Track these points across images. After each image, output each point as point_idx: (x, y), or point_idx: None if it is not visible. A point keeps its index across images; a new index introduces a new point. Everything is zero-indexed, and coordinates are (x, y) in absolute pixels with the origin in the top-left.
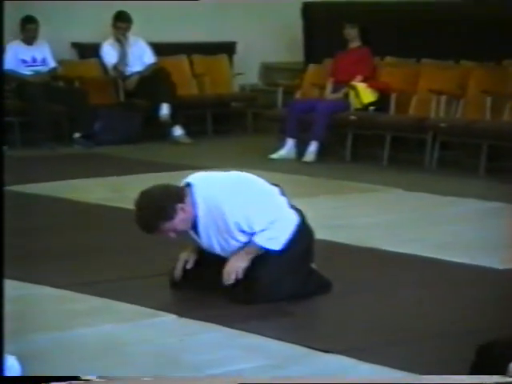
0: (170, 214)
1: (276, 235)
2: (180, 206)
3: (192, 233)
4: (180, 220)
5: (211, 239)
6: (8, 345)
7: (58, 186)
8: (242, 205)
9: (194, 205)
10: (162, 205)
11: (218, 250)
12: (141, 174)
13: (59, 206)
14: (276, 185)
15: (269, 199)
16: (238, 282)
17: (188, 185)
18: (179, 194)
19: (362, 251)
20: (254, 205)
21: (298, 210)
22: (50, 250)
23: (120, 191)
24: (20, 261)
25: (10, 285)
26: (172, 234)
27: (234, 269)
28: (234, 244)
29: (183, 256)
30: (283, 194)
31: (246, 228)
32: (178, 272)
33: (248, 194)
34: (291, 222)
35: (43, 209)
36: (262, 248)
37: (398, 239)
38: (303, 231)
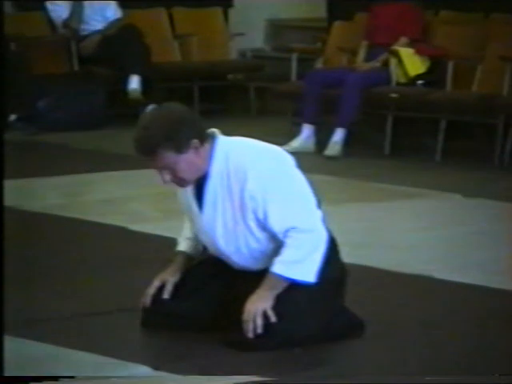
0: (181, 144)
1: (301, 257)
2: (196, 142)
3: (192, 198)
4: (187, 161)
5: (216, 212)
6: None
7: None
8: (269, 183)
9: (210, 158)
10: (179, 127)
11: (219, 235)
12: (104, 171)
13: None
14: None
15: (305, 201)
16: (266, 327)
17: (212, 136)
18: (202, 132)
19: (405, 279)
20: (284, 193)
21: (328, 230)
22: None
23: (75, 195)
24: None
25: None
26: (167, 176)
27: (254, 313)
28: (242, 231)
29: (158, 279)
30: (319, 206)
31: (260, 212)
32: (147, 298)
33: (283, 180)
34: (322, 241)
35: None
36: (286, 279)
37: (454, 263)
38: (334, 257)
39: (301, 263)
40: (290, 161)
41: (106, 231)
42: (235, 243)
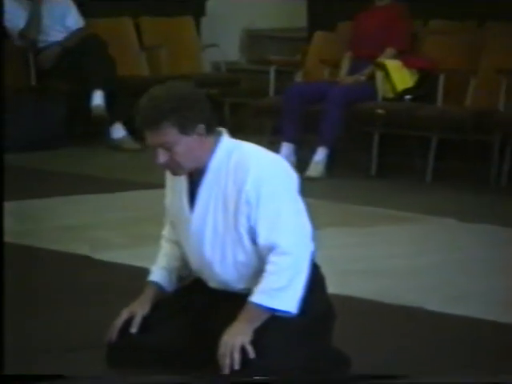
0: (186, 123)
1: (281, 284)
2: (202, 128)
3: (185, 195)
4: (188, 145)
5: (208, 213)
6: None
7: None
8: (267, 189)
9: (212, 153)
10: (188, 104)
11: (207, 239)
12: (64, 196)
13: None
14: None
15: (298, 223)
16: (244, 362)
17: (219, 133)
18: (212, 121)
19: (393, 311)
20: (279, 205)
21: (316, 265)
22: None
23: (32, 222)
24: None
25: None
26: (163, 156)
27: (231, 347)
28: (231, 238)
29: (127, 311)
30: (313, 238)
31: (252, 218)
32: (113, 332)
33: (282, 192)
34: (303, 267)
35: None
36: (266, 309)
37: (447, 293)
38: (320, 291)
39: (281, 291)
40: (295, 180)
41: (67, 261)
42: (222, 250)
